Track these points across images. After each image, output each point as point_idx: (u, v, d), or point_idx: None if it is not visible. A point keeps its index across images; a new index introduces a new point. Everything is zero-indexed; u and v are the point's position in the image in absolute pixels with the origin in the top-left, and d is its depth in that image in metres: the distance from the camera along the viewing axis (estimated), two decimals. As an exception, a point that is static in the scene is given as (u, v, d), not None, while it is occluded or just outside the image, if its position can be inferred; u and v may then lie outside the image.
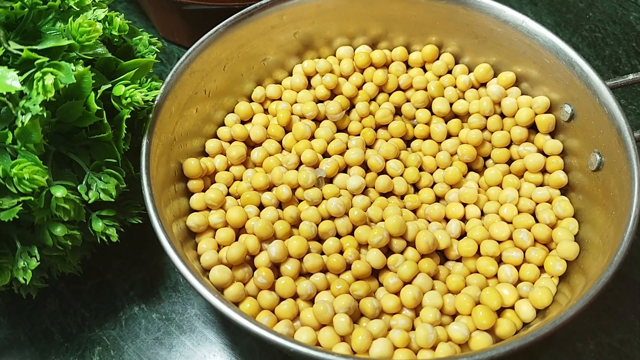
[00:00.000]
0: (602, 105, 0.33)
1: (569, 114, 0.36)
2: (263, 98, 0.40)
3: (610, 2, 0.54)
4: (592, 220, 0.33)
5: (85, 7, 0.30)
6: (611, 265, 0.28)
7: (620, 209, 0.30)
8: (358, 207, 0.35)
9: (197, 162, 0.35)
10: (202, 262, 0.32)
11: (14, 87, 0.26)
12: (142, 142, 0.32)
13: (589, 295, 0.27)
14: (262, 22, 0.38)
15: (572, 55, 0.35)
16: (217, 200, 0.34)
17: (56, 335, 0.36)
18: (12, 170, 0.27)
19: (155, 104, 0.33)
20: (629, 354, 0.36)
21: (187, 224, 0.33)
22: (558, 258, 0.33)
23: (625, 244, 0.29)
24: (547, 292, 0.31)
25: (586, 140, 0.35)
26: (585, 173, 0.35)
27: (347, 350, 0.29)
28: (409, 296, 0.31)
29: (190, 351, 0.36)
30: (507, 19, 0.37)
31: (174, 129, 0.35)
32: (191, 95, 0.36)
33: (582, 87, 0.34)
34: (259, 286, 0.32)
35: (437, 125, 0.39)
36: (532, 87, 0.38)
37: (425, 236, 0.32)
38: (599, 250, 0.31)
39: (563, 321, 0.27)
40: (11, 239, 0.31)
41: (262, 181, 0.35)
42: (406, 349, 0.30)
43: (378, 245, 0.32)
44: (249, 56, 0.39)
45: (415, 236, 0.33)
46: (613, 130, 0.32)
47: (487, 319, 0.30)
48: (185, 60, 0.35)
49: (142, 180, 0.31)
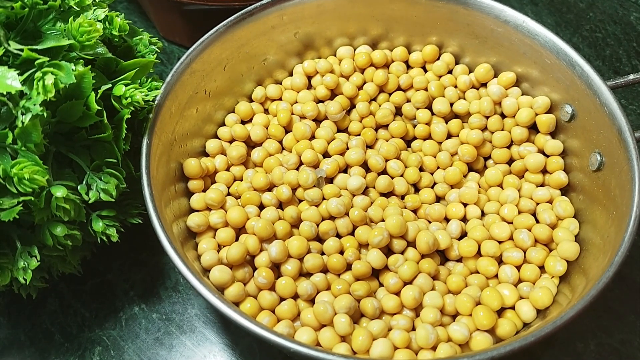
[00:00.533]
0: (602, 105, 0.33)
1: (570, 114, 0.36)
2: (263, 98, 0.40)
3: (611, 3, 0.54)
4: (592, 221, 0.33)
5: (86, 7, 0.30)
6: (612, 265, 0.28)
7: (621, 209, 0.30)
8: (358, 207, 0.35)
9: (198, 162, 0.35)
10: (203, 262, 0.32)
11: (14, 87, 0.26)
12: (143, 142, 0.32)
13: (590, 296, 0.27)
14: (263, 22, 0.38)
15: (572, 55, 0.35)
16: (218, 200, 0.34)
17: (56, 335, 0.36)
18: (13, 170, 0.27)
19: (155, 104, 0.33)
20: (629, 354, 0.36)
21: (187, 224, 0.33)
22: (559, 258, 0.33)
23: (626, 244, 0.29)
24: (547, 293, 0.31)
25: (587, 140, 0.35)
26: (586, 173, 0.35)
27: (348, 350, 0.29)
28: (409, 296, 0.31)
29: (190, 351, 0.36)
30: (508, 19, 0.37)
31: (174, 129, 0.35)
32: (191, 95, 0.36)
33: (583, 87, 0.34)
34: (259, 286, 0.32)
35: (438, 126, 0.38)
36: (533, 87, 0.38)
37: (426, 236, 0.32)
38: (599, 250, 0.31)
39: (564, 321, 0.27)
40: (11, 239, 0.31)
41: (262, 181, 0.35)
42: (406, 349, 0.29)
43: (378, 245, 0.32)
44: (250, 56, 0.39)
45: (416, 236, 0.33)
46: (614, 130, 0.32)
47: (488, 319, 0.30)
48: (185, 60, 0.35)
49: (142, 180, 0.31)
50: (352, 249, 0.33)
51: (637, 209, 0.29)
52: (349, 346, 0.29)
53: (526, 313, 0.31)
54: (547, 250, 0.34)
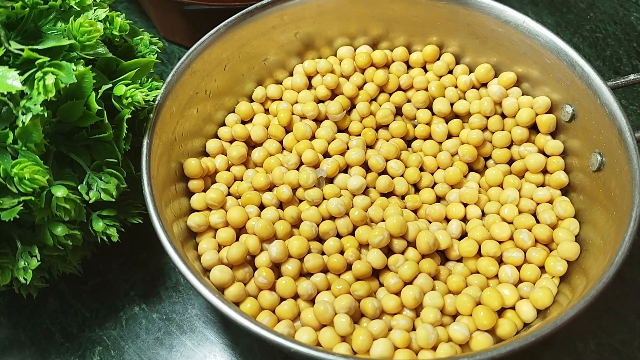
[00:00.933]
0: (603, 105, 0.33)
1: (570, 114, 0.36)
2: (264, 98, 0.40)
3: (611, 3, 0.54)
4: (593, 221, 0.33)
5: (86, 7, 0.30)
6: (612, 265, 0.28)
7: (621, 209, 0.30)
8: (359, 207, 0.35)
9: (198, 162, 0.35)
10: (203, 262, 0.32)
11: (15, 87, 0.26)
12: (143, 142, 0.32)
13: (590, 296, 0.27)
14: (263, 22, 0.38)
15: (573, 55, 0.35)
16: (218, 200, 0.34)
17: (57, 335, 0.36)
18: (13, 170, 0.27)
19: (156, 104, 0.33)
20: (629, 354, 0.36)
21: (187, 224, 0.33)
22: (559, 258, 0.33)
23: (626, 244, 0.29)
24: (547, 293, 0.31)
25: (587, 140, 0.35)
26: (586, 173, 0.35)
27: (348, 350, 0.29)
28: (409, 296, 0.31)
29: (190, 351, 0.36)
30: (508, 19, 0.37)
31: (175, 129, 0.35)
32: (192, 95, 0.36)
33: (583, 87, 0.34)
34: (259, 286, 0.32)
35: (438, 126, 0.38)
36: (533, 88, 0.38)
37: (426, 236, 0.32)
38: (599, 250, 0.31)
39: (564, 321, 0.27)
40: (12, 238, 0.31)
41: (262, 181, 0.35)
42: (407, 349, 0.29)
43: (378, 245, 0.32)
44: (250, 56, 0.39)
45: (416, 236, 0.33)
46: (614, 130, 0.32)
47: (488, 319, 0.30)
48: (186, 60, 0.35)
49: (142, 179, 0.31)
50: (352, 249, 0.33)
51: (637, 210, 0.29)
52: (349, 346, 0.29)
53: (526, 313, 0.31)
54: (547, 250, 0.34)
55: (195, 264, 0.31)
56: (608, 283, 0.28)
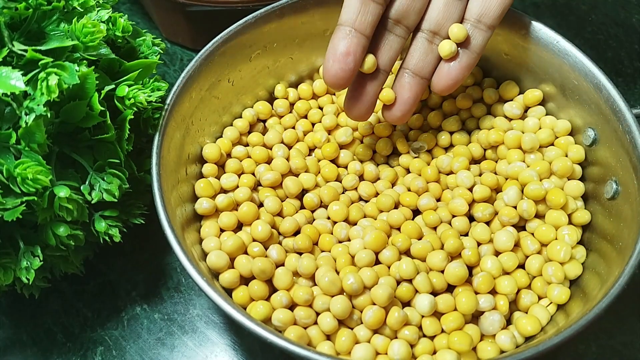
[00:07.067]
0: (625, 132, 0.32)
1: (592, 139, 0.35)
2: (286, 94, 0.41)
3: (613, 5, 0.54)
4: (599, 250, 0.33)
5: (89, 8, 0.30)
6: (607, 297, 0.28)
7: (627, 241, 0.30)
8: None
9: (217, 147, 0.36)
10: (209, 262, 0.32)
11: (18, 88, 0.26)
12: (159, 121, 0.32)
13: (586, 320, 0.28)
14: (293, 19, 0.38)
15: (600, 78, 0.34)
16: (230, 187, 0.35)
17: (58, 335, 0.36)
18: (16, 170, 0.27)
19: (175, 88, 0.34)
20: (630, 356, 0.36)
21: (194, 207, 0.34)
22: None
23: (625, 277, 0.28)
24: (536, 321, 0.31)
25: (605, 167, 0.34)
26: (600, 200, 0.34)
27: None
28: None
29: (192, 351, 0.36)
30: (540, 37, 0.36)
31: (193, 113, 0.35)
32: (214, 82, 0.36)
33: (607, 112, 0.33)
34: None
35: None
36: (558, 108, 0.37)
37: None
38: (602, 281, 0.31)
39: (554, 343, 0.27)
40: (14, 238, 0.31)
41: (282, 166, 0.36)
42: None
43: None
44: (276, 51, 0.39)
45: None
46: (633, 159, 0.31)
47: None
48: (211, 47, 0.35)
49: (152, 160, 0.31)
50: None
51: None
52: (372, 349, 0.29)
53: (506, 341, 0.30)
54: None
55: (200, 264, 0.31)
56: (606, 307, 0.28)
